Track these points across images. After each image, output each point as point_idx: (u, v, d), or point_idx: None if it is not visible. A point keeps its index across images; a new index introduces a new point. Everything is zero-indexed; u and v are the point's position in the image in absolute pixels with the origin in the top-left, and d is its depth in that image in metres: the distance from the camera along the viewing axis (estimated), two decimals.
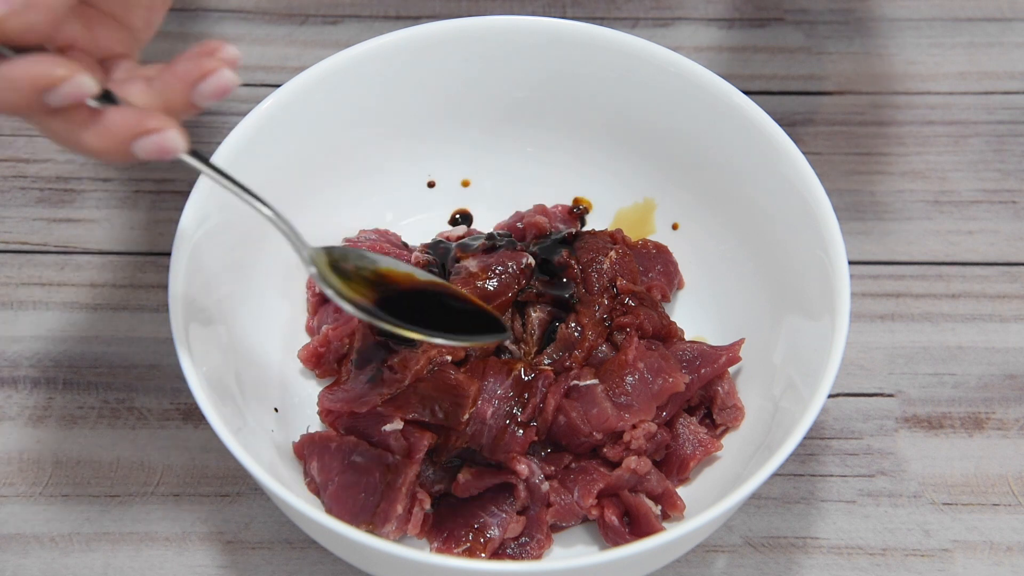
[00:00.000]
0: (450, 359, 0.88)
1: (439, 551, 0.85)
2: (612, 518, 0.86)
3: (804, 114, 1.12)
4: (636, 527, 0.86)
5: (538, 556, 0.86)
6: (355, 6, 1.18)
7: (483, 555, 0.85)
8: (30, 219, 1.04)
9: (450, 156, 1.01)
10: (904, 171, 1.09)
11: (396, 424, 0.86)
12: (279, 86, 0.93)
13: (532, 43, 0.97)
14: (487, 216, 1.01)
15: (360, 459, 0.85)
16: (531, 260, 0.92)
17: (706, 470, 0.90)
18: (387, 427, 0.86)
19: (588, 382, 0.88)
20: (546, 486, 0.87)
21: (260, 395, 0.90)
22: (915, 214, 1.07)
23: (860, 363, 0.99)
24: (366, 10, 1.18)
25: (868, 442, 0.95)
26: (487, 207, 1.01)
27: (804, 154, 0.90)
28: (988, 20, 1.18)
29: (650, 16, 1.18)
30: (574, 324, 0.90)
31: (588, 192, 1.02)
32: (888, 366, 0.99)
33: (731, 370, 0.92)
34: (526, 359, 0.90)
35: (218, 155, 0.89)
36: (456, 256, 0.93)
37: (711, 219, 0.97)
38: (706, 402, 0.91)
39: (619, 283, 0.92)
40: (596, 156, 1.01)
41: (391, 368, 0.88)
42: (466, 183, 1.02)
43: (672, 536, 0.77)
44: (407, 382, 0.87)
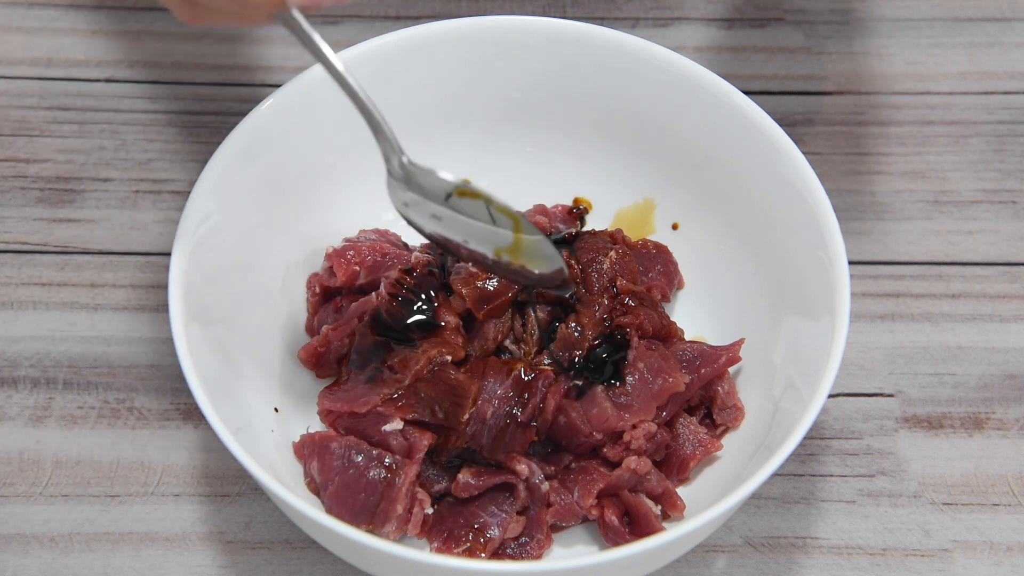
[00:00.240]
0: (450, 359, 0.88)
1: (439, 551, 0.85)
2: (612, 518, 0.86)
3: (804, 114, 1.12)
4: (636, 527, 0.86)
5: (538, 556, 0.86)
6: (355, 6, 1.18)
7: (483, 555, 0.85)
8: (30, 219, 1.04)
9: (450, 156, 1.01)
10: (904, 171, 1.09)
11: (396, 424, 0.86)
12: (279, 86, 0.93)
13: (532, 43, 0.97)
14: None
15: (360, 459, 0.85)
16: None
17: (706, 470, 0.90)
18: (387, 427, 0.86)
19: (588, 382, 0.88)
20: (546, 486, 0.87)
21: (260, 395, 0.90)
22: (915, 214, 1.06)
23: (860, 363, 0.99)
24: (366, 10, 1.18)
25: (868, 442, 0.95)
26: None
27: (804, 154, 0.90)
28: (988, 20, 1.18)
29: (650, 16, 1.18)
30: (574, 324, 0.90)
31: (588, 192, 1.02)
32: (888, 366, 0.99)
33: (731, 370, 0.92)
34: (526, 359, 0.90)
35: (218, 155, 0.89)
36: None
37: (711, 219, 0.97)
38: (706, 402, 0.91)
39: (619, 283, 0.92)
40: (596, 156, 1.01)
41: (391, 368, 0.88)
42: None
43: (672, 536, 0.77)
44: (407, 382, 0.87)
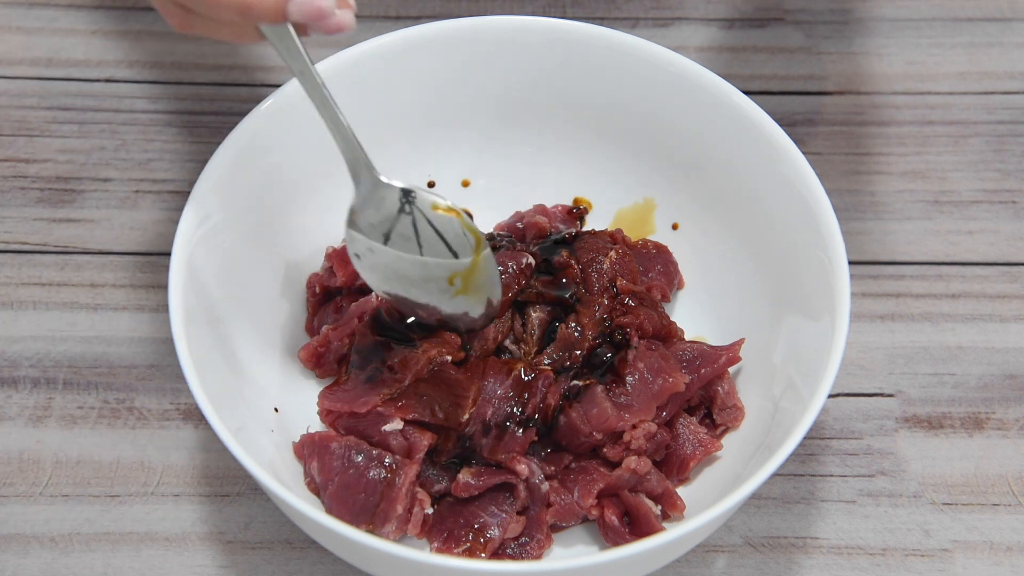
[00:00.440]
0: (450, 359, 0.88)
1: (439, 551, 0.85)
2: (612, 518, 0.86)
3: (804, 114, 1.12)
4: (636, 527, 0.86)
5: (538, 556, 0.86)
6: (355, 6, 1.18)
7: (483, 555, 0.85)
8: (30, 219, 1.04)
9: (450, 156, 1.01)
10: (904, 171, 1.09)
11: (396, 424, 0.86)
12: (279, 86, 0.93)
13: (532, 43, 0.97)
14: (487, 216, 1.00)
15: (360, 459, 0.85)
16: (531, 260, 0.92)
17: (706, 470, 0.90)
18: (387, 427, 0.86)
19: (588, 382, 0.88)
20: (546, 486, 0.87)
21: (260, 395, 0.90)
22: (915, 214, 1.06)
23: (860, 363, 0.99)
24: (366, 10, 1.18)
25: (868, 442, 0.95)
26: (487, 207, 1.01)
27: (804, 154, 0.90)
28: (988, 20, 1.18)
29: (650, 16, 1.18)
30: (574, 324, 0.90)
31: (588, 192, 1.02)
32: (888, 366, 0.99)
33: (731, 370, 0.92)
34: (526, 359, 0.90)
35: (218, 155, 0.89)
36: None
37: (711, 219, 0.97)
38: (706, 402, 0.91)
39: (619, 283, 0.92)
40: (596, 156, 1.01)
41: (391, 368, 0.88)
42: (466, 183, 1.02)
43: (672, 536, 0.77)
44: (407, 382, 0.87)
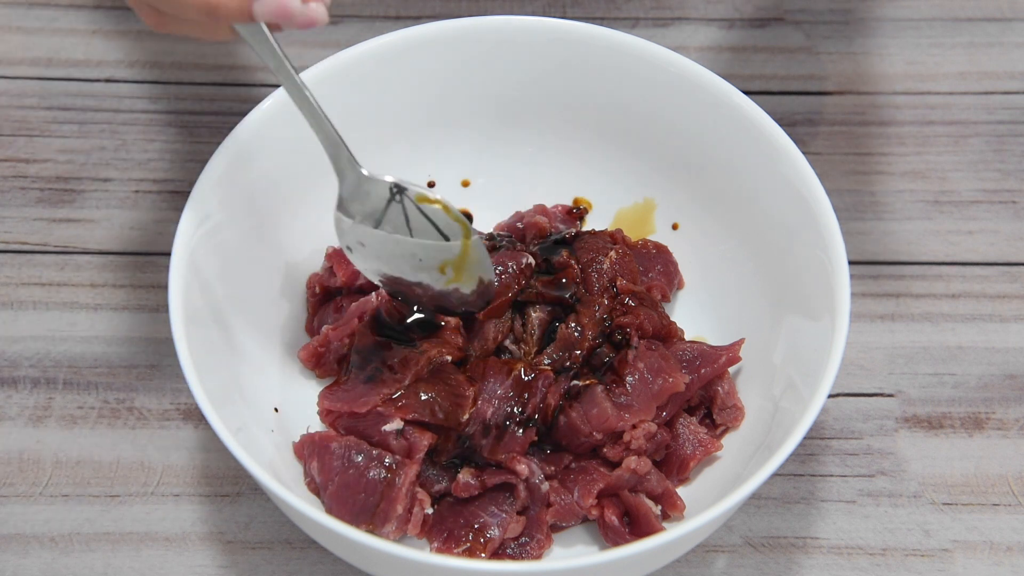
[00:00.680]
0: (450, 359, 0.88)
1: (439, 551, 0.85)
2: (612, 518, 0.86)
3: (804, 114, 1.12)
4: (636, 527, 0.86)
5: (538, 556, 0.86)
6: (355, 6, 1.18)
7: (483, 555, 0.85)
8: (30, 219, 1.04)
9: (450, 156, 1.01)
10: (904, 171, 1.09)
11: (396, 424, 0.86)
12: (279, 86, 0.92)
13: (532, 43, 0.97)
14: (487, 216, 1.01)
15: (360, 459, 0.85)
16: (531, 260, 0.92)
17: (706, 470, 0.90)
18: (387, 427, 0.86)
19: (588, 382, 0.88)
20: (546, 486, 0.87)
21: (260, 395, 0.90)
22: (915, 214, 1.06)
23: (860, 363, 0.99)
24: (366, 10, 1.18)
25: (868, 442, 0.95)
26: (487, 207, 1.01)
27: (804, 154, 0.90)
28: (988, 20, 1.18)
29: (650, 16, 1.18)
30: (574, 324, 0.90)
31: (588, 192, 1.02)
32: (888, 366, 0.99)
33: (731, 370, 0.92)
34: (526, 359, 0.90)
35: (218, 155, 0.89)
36: None
37: (711, 219, 0.97)
38: (706, 402, 0.91)
39: (619, 283, 0.92)
40: (596, 156, 1.01)
41: (391, 368, 0.88)
42: (466, 183, 1.02)
43: (672, 536, 0.77)
44: (407, 382, 0.87)
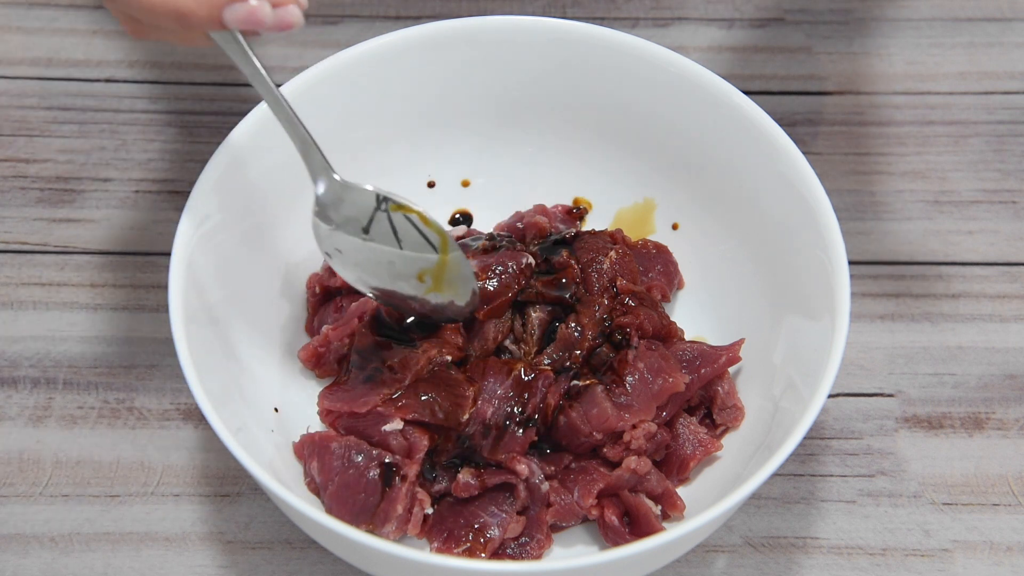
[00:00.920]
0: (450, 359, 0.88)
1: (439, 551, 0.85)
2: (612, 518, 0.86)
3: (804, 114, 1.12)
4: (636, 527, 0.86)
5: (538, 556, 0.86)
6: (355, 6, 1.18)
7: (483, 555, 0.85)
8: (30, 219, 1.04)
9: (450, 156, 1.01)
10: (904, 171, 1.09)
11: (396, 424, 0.86)
12: (279, 86, 0.92)
13: (532, 43, 0.97)
14: (487, 216, 1.01)
15: (360, 459, 0.85)
16: (531, 260, 0.92)
17: (706, 470, 0.90)
18: (387, 427, 0.86)
19: (588, 382, 0.88)
20: (546, 486, 0.87)
21: (260, 395, 0.90)
22: (915, 214, 1.06)
23: (860, 363, 0.99)
24: (366, 10, 1.18)
25: (868, 442, 0.95)
26: (487, 207, 1.01)
27: (804, 154, 0.90)
28: (988, 20, 1.18)
29: (650, 16, 1.18)
30: (574, 324, 0.90)
31: (588, 192, 1.02)
32: (888, 366, 0.99)
33: (731, 370, 0.92)
34: (526, 359, 0.90)
35: (218, 155, 0.89)
36: None
37: (711, 219, 0.97)
38: (706, 402, 0.91)
39: (619, 283, 0.92)
40: (596, 156, 1.01)
41: (391, 368, 0.88)
42: (466, 183, 1.02)
43: (672, 536, 0.77)
44: (407, 382, 0.87)
